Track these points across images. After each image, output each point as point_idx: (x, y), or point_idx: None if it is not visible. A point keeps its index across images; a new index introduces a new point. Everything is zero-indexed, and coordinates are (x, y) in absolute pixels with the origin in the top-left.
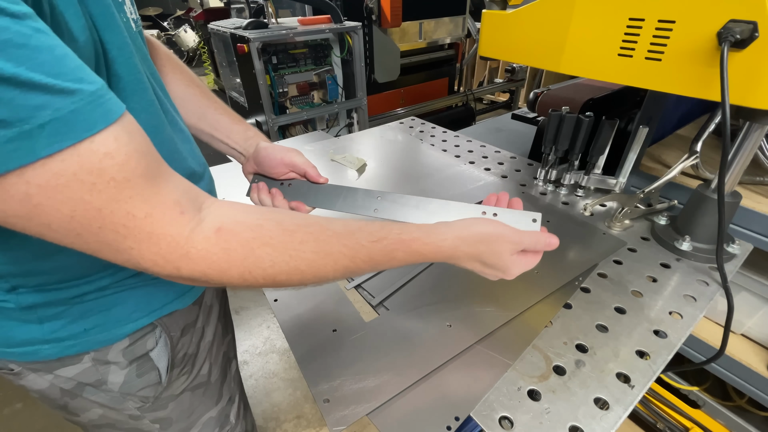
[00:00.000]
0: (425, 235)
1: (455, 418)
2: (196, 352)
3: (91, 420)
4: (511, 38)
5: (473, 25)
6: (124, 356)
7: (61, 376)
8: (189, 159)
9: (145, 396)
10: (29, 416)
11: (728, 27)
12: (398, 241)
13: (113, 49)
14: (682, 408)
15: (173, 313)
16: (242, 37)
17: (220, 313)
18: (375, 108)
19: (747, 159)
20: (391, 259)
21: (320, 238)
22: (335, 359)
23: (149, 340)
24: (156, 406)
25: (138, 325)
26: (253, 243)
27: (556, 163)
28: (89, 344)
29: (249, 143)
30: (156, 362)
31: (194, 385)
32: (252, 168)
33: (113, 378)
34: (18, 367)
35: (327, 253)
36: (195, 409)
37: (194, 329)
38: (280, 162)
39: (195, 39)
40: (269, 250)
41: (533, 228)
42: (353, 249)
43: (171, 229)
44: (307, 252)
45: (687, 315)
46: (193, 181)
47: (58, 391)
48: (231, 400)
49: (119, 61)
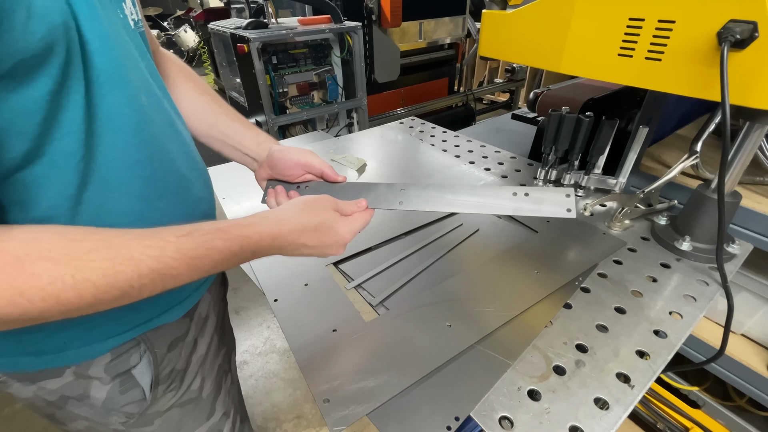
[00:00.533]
0: (243, 220)
1: (455, 418)
2: (185, 367)
3: (79, 430)
4: (511, 38)
5: (473, 25)
6: (106, 372)
7: (45, 388)
8: (178, 161)
9: (129, 412)
10: (29, 416)
11: (728, 27)
12: (213, 230)
13: (94, 40)
14: (682, 408)
15: (159, 327)
16: (242, 37)
17: (216, 324)
18: (375, 108)
19: (747, 159)
20: (210, 250)
21: (115, 242)
22: (335, 359)
23: (133, 355)
24: (141, 422)
25: (120, 340)
26: (25, 259)
27: (556, 163)
28: (69, 358)
29: (261, 148)
30: (138, 380)
31: (183, 401)
32: (266, 173)
33: (95, 393)
34: (2, 375)
35: (126, 258)
36: (183, 425)
37: (184, 343)
38: (295, 164)
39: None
40: (48, 264)
41: (567, 203)
42: (158, 248)
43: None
44: (99, 260)
45: (687, 315)
46: (182, 185)
47: (44, 402)
48: (225, 415)
49: (101, 52)
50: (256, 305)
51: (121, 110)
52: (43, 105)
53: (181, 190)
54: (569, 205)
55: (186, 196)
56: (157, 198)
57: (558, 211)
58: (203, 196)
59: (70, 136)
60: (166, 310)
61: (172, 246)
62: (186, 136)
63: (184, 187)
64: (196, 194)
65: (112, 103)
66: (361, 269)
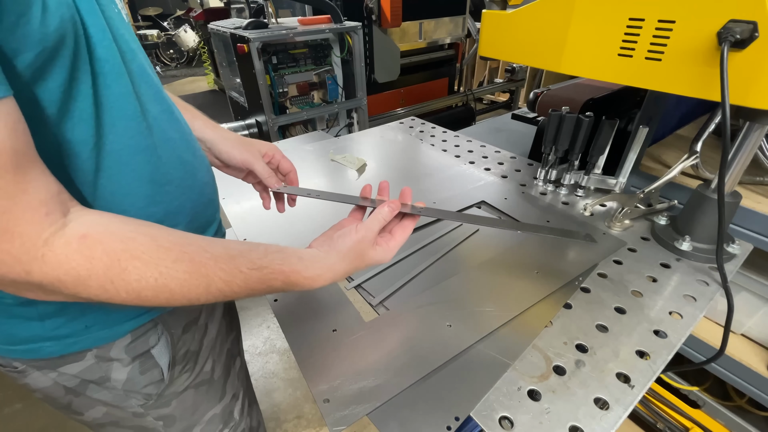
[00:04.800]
0: (304, 269)
1: (455, 418)
2: (198, 350)
3: (95, 418)
4: (511, 38)
5: (473, 25)
6: (126, 353)
7: (65, 373)
8: (181, 147)
9: (148, 393)
10: (29, 416)
11: (728, 27)
12: (278, 271)
13: (97, 33)
14: (682, 408)
15: (175, 310)
16: (242, 37)
17: (224, 310)
18: (375, 108)
19: (747, 159)
20: (268, 287)
21: (196, 259)
22: (335, 359)
23: (151, 336)
24: (159, 404)
25: (139, 322)
26: (121, 254)
27: (556, 163)
28: (91, 341)
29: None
30: (157, 359)
31: (197, 382)
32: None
33: (116, 375)
34: (22, 365)
35: (202, 275)
36: (198, 406)
37: (196, 326)
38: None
39: (195, 39)
40: (138, 264)
41: None
42: (230, 274)
43: (30, 229)
44: (180, 272)
45: (687, 315)
46: (188, 170)
47: (62, 389)
48: (235, 397)
49: (104, 44)
50: (256, 305)
51: (126, 99)
52: (59, 96)
53: (187, 175)
54: None
55: (192, 181)
56: (166, 182)
57: None
58: (207, 180)
59: (82, 124)
60: None
61: (242, 276)
62: (184, 123)
63: (189, 172)
64: (201, 179)
65: (117, 92)
66: None
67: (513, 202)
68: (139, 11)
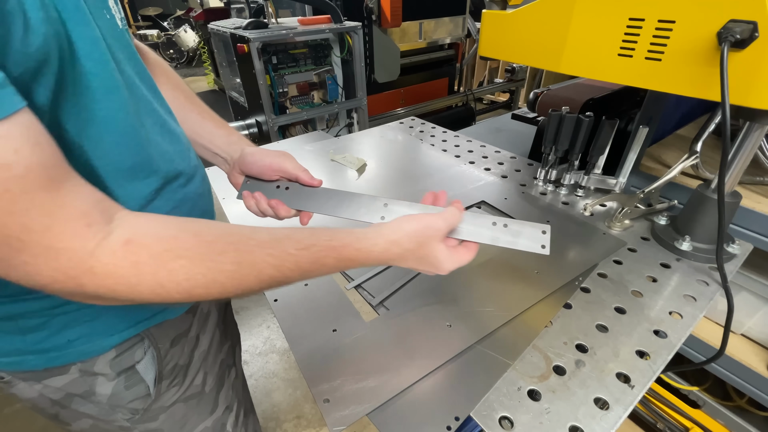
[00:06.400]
0: (356, 241)
1: (455, 418)
2: (188, 363)
3: (83, 429)
4: (511, 38)
5: (473, 25)
6: (111, 368)
7: (50, 386)
8: (176, 160)
9: (134, 408)
10: (29, 416)
11: (728, 27)
12: (328, 247)
13: (85, 45)
14: (682, 408)
15: (162, 323)
16: (242, 37)
17: (218, 320)
18: (375, 108)
19: (747, 159)
20: (322, 266)
21: (242, 248)
22: (335, 359)
23: (137, 351)
24: (146, 418)
25: (124, 336)
26: (165, 255)
27: (556, 163)
28: (74, 355)
29: (232, 148)
30: (143, 375)
31: (187, 396)
32: (238, 176)
33: (101, 389)
34: (8, 375)
35: (250, 263)
36: (188, 420)
37: (186, 339)
38: (268, 167)
39: (195, 39)
40: (184, 262)
41: (543, 239)
42: (279, 258)
43: (73, 243)
44: (227, 263)
45: (687, 315)
46: (180, 182)
47: (48, 401)
48: (228, 409)
49: (94, 57)
50: (256, 305)
51: (116, 114)
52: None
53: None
54: (544, 241)
55: (185, 193)
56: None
57: (533, 246)
58: (202, 192)
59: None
60: (169, 306)
61: (292, 259)
62: (180, 133)
63: (183, 185)
64: (195, 190)
65: (109, 107)
66: (361, 269)
67: (513, 202)
68: (139, 11)
